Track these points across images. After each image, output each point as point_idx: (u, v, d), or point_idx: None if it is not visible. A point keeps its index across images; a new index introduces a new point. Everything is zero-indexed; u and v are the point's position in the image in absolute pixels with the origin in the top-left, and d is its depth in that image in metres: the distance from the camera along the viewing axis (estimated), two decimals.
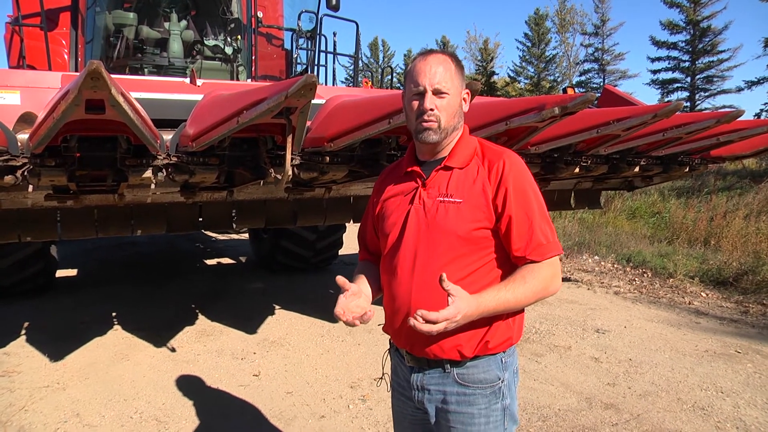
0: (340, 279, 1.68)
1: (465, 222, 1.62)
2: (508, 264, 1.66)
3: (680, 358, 4.68)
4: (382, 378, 1.98)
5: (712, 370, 4.42)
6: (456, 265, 1.63)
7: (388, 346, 1.90)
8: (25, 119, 3.22)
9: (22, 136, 2.91)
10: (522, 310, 1.72)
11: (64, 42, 5.78)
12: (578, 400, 3.88)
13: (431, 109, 1.62)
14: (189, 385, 4.12)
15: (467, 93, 1.72)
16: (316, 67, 6.87)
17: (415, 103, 1.64)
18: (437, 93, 1.62)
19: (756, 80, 29.25)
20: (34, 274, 6.06)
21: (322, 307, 5.93)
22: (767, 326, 5.55)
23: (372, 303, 1.78)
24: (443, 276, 1.48)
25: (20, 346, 4.89)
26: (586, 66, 38.82)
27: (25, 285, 6.12)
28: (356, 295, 1.69)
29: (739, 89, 31.12)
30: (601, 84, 36.44)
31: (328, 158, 3.45)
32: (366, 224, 1.95)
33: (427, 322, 1.46)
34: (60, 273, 7.21)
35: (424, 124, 1.64)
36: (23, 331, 5.26)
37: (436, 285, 1.61)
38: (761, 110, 29.69)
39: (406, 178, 1.78)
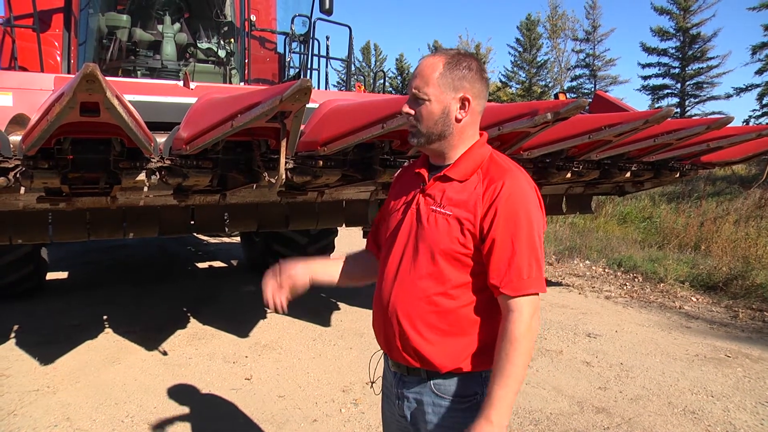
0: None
1: (450, 236, 1.55)
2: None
3: (671, 362, 4.71)
4: (372, 382, 1.97)
5: (702, 374, 4.45)
6: (435, 278, 1.57)
7: (380, 349, 1.89)
8: (18, 121, 3.20)
9: (15, 138, 2.90)
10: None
11: (56, 44, 5.75)
12: (570, 404, 3.90)
13: (407, 114, 1.60)
14: (180, 389, 4.10)
15: (463, 98, 1.56)
16: (309, 71, 6.87)
17: None
18: (414, 98, 1.58)
19: (744, 87, 29.52)
20: (25, 276, 6.02)
21: (314, 311, 5.93)
22: (757, 330, 5.60)
23: (334, 286, 1.95)
24: None
25: (9, 349, 4.85)
26: (578, 71, 39.06)
27: (16, 288, 6.07)
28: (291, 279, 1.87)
29: (728, 96, 31.34)
30: (593, 90, 36.63)
31: (321, 162, 3.45)
32: (381, 214, 1.91)
33: None
34: (50, 276, 7.16)
35: (408, 127, 1.63)
36: (13, 335, 5.22)
37: (412, 293, 1.61)
38: (750, 117, 29.95)
39: (414, 178, 1.72)
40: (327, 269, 1.95)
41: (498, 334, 1.52)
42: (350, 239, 9.85)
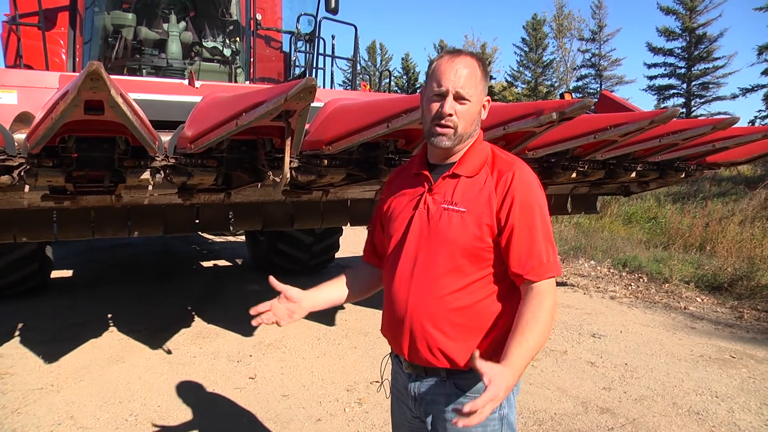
0: (273, 281, 1.79)
1: (467, 232, 1.57)
2: (509, 278, 1.61)
3: (676, 362, 4.69)
4: (381, 383, 1.97)
5: (707, 374, 4.43)
6: (454, 276, 1.59)
7: (389, 351, 1.88)
8: (22, 119, 3.21)
9: (19, 136, 2.90)
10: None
11: (61, 42, 5.77)
12: (574, 405, 3.89)
13: (450, 114, 1.55)
14: (184, 388, 4.10)
15: (487, 100, 1.65)
16: (314, 70, 6.87)
17: (435, 105, 1.57)
18: (458, 98, 1.55)
19: (750, 87, 29.52)
20: (29, 274, 6.04)
21: (319, 311, 5.91)
22: (762, 331, 5.58)
23: (332, 307, 1.95)
24: (475, 354, 1.38)
25: (14, 347, 4.86)
26: (583, 71, 39.02)
27: (20, 286, 6.09)
28: (290, 301, 1.82)
29: (734, 96, 31.24)
30: (598, 89, 36.56)
31: (326, 161, 3.45)
32: (375, 222, 1.91)
33: (471, 411, 1.31)
34: (55, 274, 7.18)
35: (439, 129, 1.58)
36: (17, 333, 5.23)
37: (432, 292, 1.62)
38: (755, 117, 29.91)
39: (415, 180, 1.73)
40: (329, 295, 1.96)
41: (519, 313, 1.54)
42: (355, 238, 9.85)
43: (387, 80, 10.06)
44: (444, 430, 1.68)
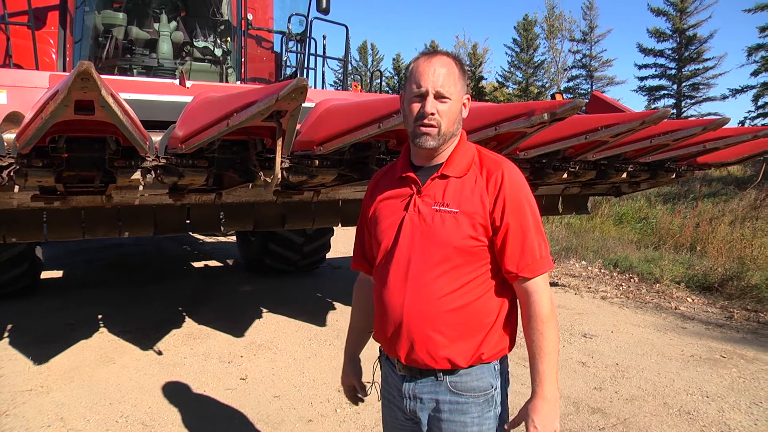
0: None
1: (461, 232, 1.58)
2: (501, 275, 1.63)
3: (666, 362, 4.71)
4: (371, 385, 1.96)
5: (697, 374, 4.46)
6: (450, 276, 1.59)
7: (378, 354, 1.87)
8: (12, 119, 3.18)
9: (9, 136, 2.88)
10: (515, 320, 1.70)
11: (51, 41, 5.73)
12: (565, 405, 3.90)
13: (432, 114, 1.55)
14: (175, 389, 4.08)
15: (467, 98, 1.66)
16: (305, 70, 6.86)
17: (416, 106, 1.57)
18: (439, 97, 1.55)
19: (740, 88, 29.78)
20: (19, 275, 5.99)
21: (310, 311, 5.92)
22: (751, 331, 5.61)
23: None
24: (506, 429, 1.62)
25: (2, 348, 4.82)
26: (574, 72, 39.18)
27: (9, 287, 6.04)
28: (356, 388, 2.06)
29: (724, 97, 31.57)
30: (589, 90, 36.70)
31: (317, 162, 3.44)
32: (362, 230, 1.89)
33: None
34: (45, 274, 7.13)
35: (423, 128, 1.57)
36: (6, 334, 5.19)
37: (428, 295, 1.61)
38: (745, 118, 30.18)
39: (401, 182, 1.72)
40: (360, 335, 2.10)
41: (524, 318, 1.64)
42: (346, 239, 9.85)
43: (378, 81, 10.06)
44: (439, 430, 1.68)
